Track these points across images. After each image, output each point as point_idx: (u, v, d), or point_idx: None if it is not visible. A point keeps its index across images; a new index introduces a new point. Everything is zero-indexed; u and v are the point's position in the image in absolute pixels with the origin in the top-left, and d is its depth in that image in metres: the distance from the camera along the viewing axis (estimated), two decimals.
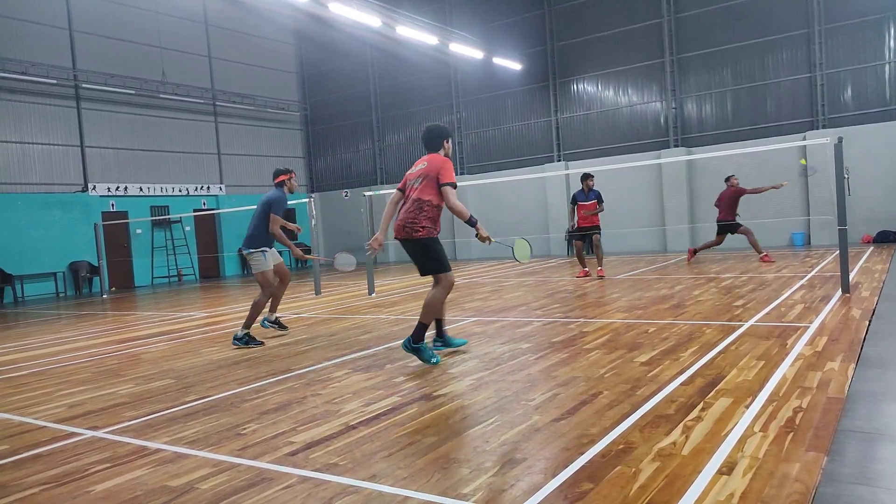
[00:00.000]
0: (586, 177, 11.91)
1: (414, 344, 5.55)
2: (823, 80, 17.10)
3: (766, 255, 13.09)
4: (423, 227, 5.68)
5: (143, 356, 7.14)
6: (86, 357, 7.36)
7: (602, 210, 12.01)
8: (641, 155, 19.20)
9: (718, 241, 13.29)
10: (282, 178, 7.50)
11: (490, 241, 5.84)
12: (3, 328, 11.37)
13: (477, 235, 5.81)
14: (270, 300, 7.61)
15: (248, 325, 7.18)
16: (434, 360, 5.55)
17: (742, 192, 12.91)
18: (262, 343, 7.16)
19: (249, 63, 24.33)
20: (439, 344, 6.14)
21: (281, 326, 7.98)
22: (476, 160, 22.96)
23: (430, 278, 5.94)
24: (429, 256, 5.73)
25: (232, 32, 23.78)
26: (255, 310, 7.24)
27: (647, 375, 4.63)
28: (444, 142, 6.08)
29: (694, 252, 14.15)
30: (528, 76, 21.51)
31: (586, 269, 12.43)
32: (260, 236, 7.28)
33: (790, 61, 17.59)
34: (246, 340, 7.12)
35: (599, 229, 12.13)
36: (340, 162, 26.43)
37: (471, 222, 5.68)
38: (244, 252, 7.37)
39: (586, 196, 11.95)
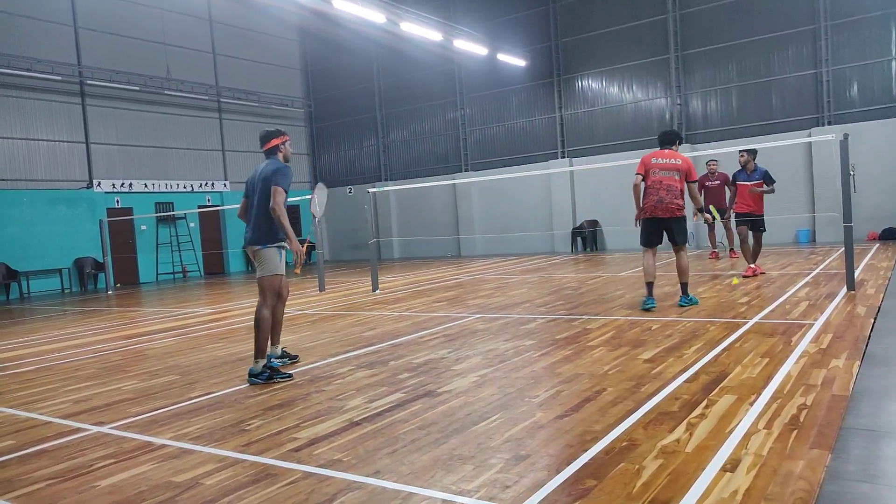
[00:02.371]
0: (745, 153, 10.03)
1: (684, 296, 7.59)
2: (829, 77, 17.02)
3: (715, 253, 13.41)
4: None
5: (147, 352, 7.17)
6: (91, 353, 7.39)
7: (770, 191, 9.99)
8: (646, 151, 19.05)
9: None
10: (274, 142, 5.67)
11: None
12: (9, 324, 11.42)
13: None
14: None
15: (260, 353, 5.31)
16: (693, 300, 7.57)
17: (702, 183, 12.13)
18: (289, 376, 5.32)
19: (253, 59, 24.34)
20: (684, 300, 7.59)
21: (291, 357, 6.03)
22: (480, 157, 22.94)
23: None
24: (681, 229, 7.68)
25: (236, 29, 23.78)
26: (261, 329, 5.36)
27: (651, 372, 4.62)
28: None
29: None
30: (532, 72, 21.46)
31: (752, 265, 10.17)
32: (273, 230, 5.50)
33: (796, 57, 17.52)
34: (268, 376, 5.23)
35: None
36: (344, 158, 26.44)
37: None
38: (252, 249, 5.59)
39: (748, 175, 10.02)
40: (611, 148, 20.05)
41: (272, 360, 5.56)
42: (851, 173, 7.99)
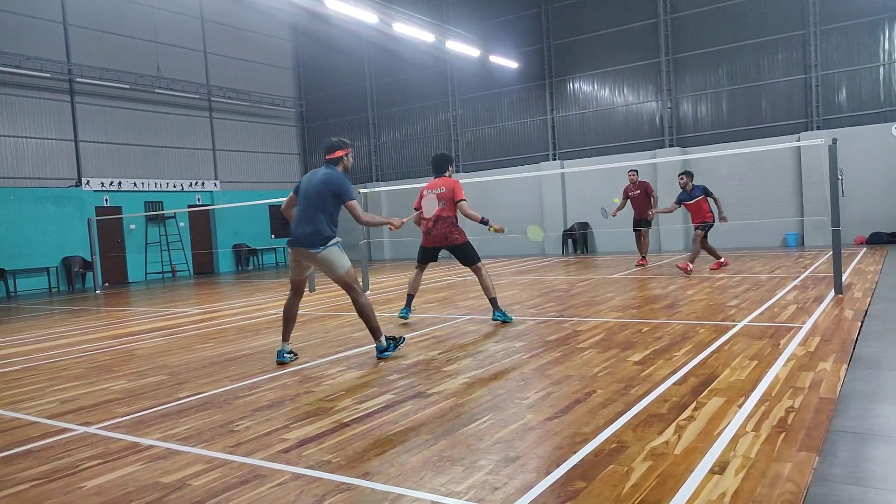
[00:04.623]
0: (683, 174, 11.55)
1: (496, 311, 7.41)
2: (818, 82, 17.16)
3: (642, 259, 13.73)
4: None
5: (136, 352, 7.12)
6: (78, 353, 7.33)
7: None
8: (637, 154, 19.22)
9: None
10: (339, 153, 5.84)
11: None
12: None
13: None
14: (284, 323, 5.96)
15: (377, 332, 5.80)
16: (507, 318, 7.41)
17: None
18: (402, 339, 6.03)
19: (245, 59, 24.25)
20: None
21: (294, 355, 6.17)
22: (472, 158, 22.97)
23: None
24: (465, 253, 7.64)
25: (227, 28, 23.68)
26: (367, 314, 5.73)
27: (641, 375, 4.64)
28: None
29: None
30: (524, 75, 21.51)
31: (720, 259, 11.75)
32: (326, 229, 5.61)
33: (785, 62, 17.65)
34: (394, 345, 5.88)
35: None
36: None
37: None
38: (312, 252, 5.58)
39: (689, 194, 11.46)
40: (602, 150, 20.12)
41: (284, 354, 5.89)
42: (840, 178, 8.05)
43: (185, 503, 2.90)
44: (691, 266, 11.31)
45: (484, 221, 7.27)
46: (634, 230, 13.90)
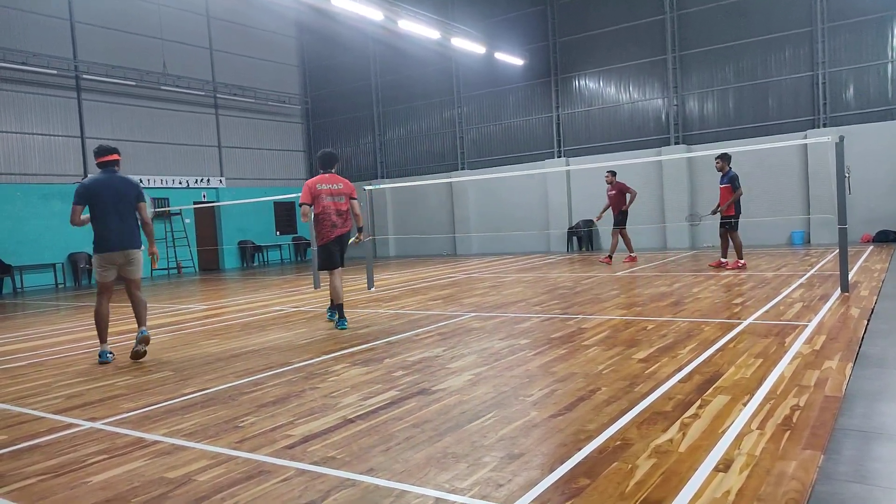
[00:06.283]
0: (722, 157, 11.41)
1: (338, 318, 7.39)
2: (825, 79, 17.07)
3: (608, 258, 14.14)
4: None
5: None
6: (84, 348, 7.36)
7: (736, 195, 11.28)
8: (642, 152, 19.19)
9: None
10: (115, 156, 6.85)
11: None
12: (2, 319, 11.37)
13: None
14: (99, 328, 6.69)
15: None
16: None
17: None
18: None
19: (250, 56, 24.28)
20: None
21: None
22: (477, 155, 22.95)
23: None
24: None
25: (233, 25, 23.71)
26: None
27: (645, 372, 4.63)
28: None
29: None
30: (529, 72, 21.46)
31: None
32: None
33: (792, 59, 17.56)
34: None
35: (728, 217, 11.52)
36: (341, 156, 26.37)
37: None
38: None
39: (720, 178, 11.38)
40: (607, 148, 20.08)
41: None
42: (846, 175, 8.02)
43: (190, 498, 2.91)
44: (724, 260, 11.72)
45: (361, 229, 8.00)
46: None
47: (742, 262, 11.53)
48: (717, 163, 11.43)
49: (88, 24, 19.72)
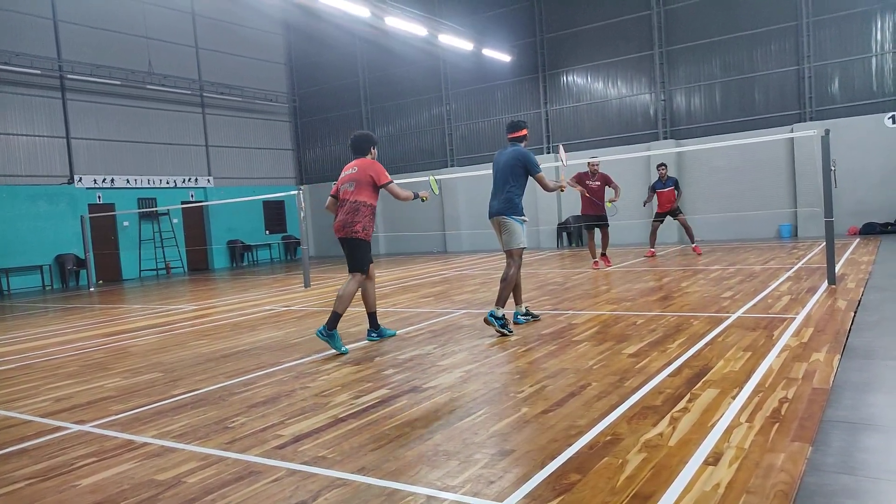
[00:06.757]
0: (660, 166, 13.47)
1: (328, 331, 5.92)
2: (811, 73, 17.18)
3: (596, 262, 12.30)
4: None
5: (130, 349, 7.10)
6: (73, 350, 7.31)
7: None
8: (631, 147, 19.23)
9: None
10: (523, 131, 6.70)
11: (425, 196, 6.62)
12: None
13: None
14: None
15: (501, 302, 6.25)
16: (343, 349, 5.93)
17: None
18: (511, 332, 6.15)
19: (237, 54, 24.13)
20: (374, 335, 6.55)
21: (534, 316, 6.96)
22: (465, 152, 22.93)
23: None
24: (355, 256, 6.20)
25: (219, 23, 23.55)
26: (507, 285, 6.34)
27: (635, 367, 4.65)
28: (372, 147, 6.57)
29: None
30: (517, 68, 21.47)
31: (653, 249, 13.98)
32: (519, 202, 6.42)
33: (778, 53, 17.66)
34: (502, 324, 6.13)
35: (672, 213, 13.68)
36: (329, 154, 26.30)
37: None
38: (500, 219, 6.38)
39: (663, 184, 13.34)
40: (596, 143, 20.12)
41: (518, 316, 6.77)
42: (833, 168, 8.08)
43: (180, 500, 2.90)
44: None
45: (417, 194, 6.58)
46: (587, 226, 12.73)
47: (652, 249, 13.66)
48: (662, 169, 13.38)
49: (72, 23, 19.52)
